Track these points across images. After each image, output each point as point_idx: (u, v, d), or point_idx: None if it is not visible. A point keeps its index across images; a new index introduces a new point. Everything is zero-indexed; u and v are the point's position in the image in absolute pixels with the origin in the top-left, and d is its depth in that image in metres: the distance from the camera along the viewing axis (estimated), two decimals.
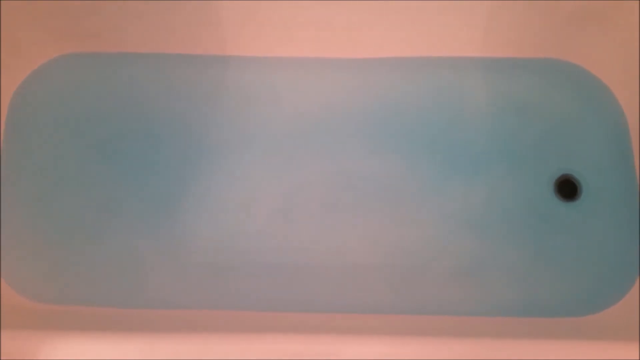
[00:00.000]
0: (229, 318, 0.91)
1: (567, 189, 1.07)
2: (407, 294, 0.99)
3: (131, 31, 1.11)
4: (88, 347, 0.71)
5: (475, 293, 0.99)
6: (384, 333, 0.75)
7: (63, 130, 1.09)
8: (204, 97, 1.12)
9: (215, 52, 1.13)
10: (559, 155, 1.09)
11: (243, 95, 1.12)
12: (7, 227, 1.02)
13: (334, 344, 0.69)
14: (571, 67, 1.13)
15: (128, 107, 1.11)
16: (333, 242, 1.03)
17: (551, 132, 1.10)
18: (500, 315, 0.96)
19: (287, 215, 1.05)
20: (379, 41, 1.12)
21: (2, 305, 0.89)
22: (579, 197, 1.06)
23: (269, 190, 1.06)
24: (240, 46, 1.13)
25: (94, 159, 1.08)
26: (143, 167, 1.07)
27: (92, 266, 1.01)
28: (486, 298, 0.99)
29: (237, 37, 1.12)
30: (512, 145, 1.09)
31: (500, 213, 1.05)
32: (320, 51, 1.13)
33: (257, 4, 1.05)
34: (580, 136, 1.10)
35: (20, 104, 1.10)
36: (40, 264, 1.01)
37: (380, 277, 1.01)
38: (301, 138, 1.10)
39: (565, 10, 1.04)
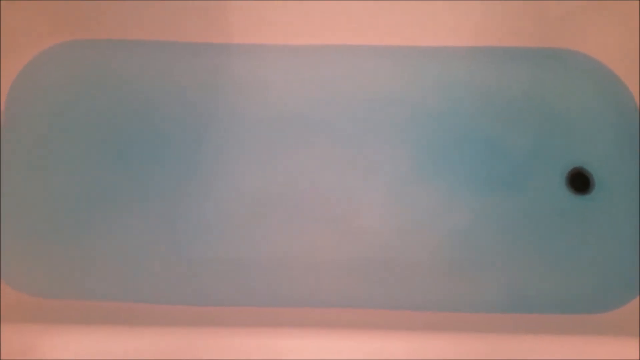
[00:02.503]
0: (226, 314, 0.90)
1: (579, 181, 1.05)
2: (414, 288, 0.97)
3: (127, 18, 1.09)
4: (87, 340, 0.71)
5: (482, 288, 0.97)
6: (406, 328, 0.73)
7: (62, 120, 1.07)
8: (201, 85, 1.10)
9: (215, 40, 1.11)
10: (571, 148, 1.06)
11: (241, 83, 1.10)
12: (5, 221, 1.00)
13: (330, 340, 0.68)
14: (582, 57, 1.10)
15: (126, 96, 1.09)
16: (330, 235, 1.01)
17: (562, 124, 1.07)
18: (509, 312, 0.94)
19: (285, 208, 1.03)
20: (387, 29, 1.10)
21: (2, 300, 0.89)
22: (592, 190, 1.03)
23: (267, 182, 1.04)
24: (242, 34, 1.11)
25: (93, 149, 1.06)
26: (141, 156, 1.05)
27: (90, 260, 0.99)
28: (493, 293, 0.97)
29: (238, 24, 1.10)
30: (522, 136, 1.07)
31: (511, 206, 1.02)
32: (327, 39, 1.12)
33: None
34: (592, 127, 1.06)
35: (18, 94, 1.08)
36: (39, 258, 0.99)
37: (381, 272, 0.99)
38: (300, 127, 1.08)
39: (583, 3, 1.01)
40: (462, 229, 1.01)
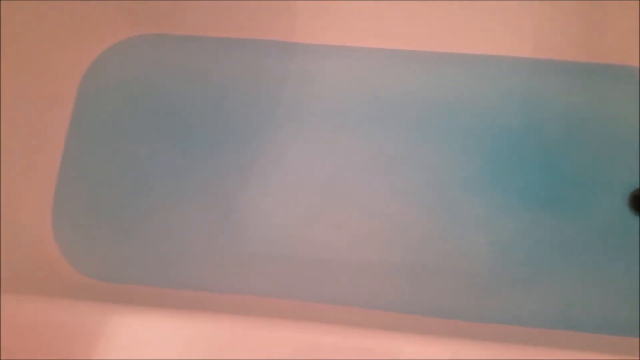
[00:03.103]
0: (272, 305, 0.95)
1: None
2: (459, 297, 0.98)
3: (203, 14, 1.12)
4: (150, 322, 0.71)
5: (531, 303, 0.96)
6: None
7: (132, 113, 1.12)
8: (266, 84, 1.13)
9: (282, 38, 1.14)
10: (633, 168, 1.03)
11: (302, 82, 1.13)
12: (73, 207, 1.06)
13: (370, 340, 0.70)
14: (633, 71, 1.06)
15: (198, 91, 1.12)
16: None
17: (626, 142, 1.05)
18: (558, 328, 0.93)
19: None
20: (443, 36, 1.11)
21: (62, 282, 0.96)
22: None
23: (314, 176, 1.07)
24: (308, 34, 1.13)
25: (159, 139, 1.10)
26: (208, 150, 1.09)
27: (151, 246, 1.04)
28: (545, 309, 0.96)
29: (304, 25, 1.13)
30: (584, 155, 1.05)
31: (568, 224, 1.01)
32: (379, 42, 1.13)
33: None
34: None
35: (91, 83, 1.13)
36: (100, 242, 1.05)
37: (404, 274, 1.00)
38: (349, 126, 1.09)
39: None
40: (513, 243, 1.01)
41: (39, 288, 0.93)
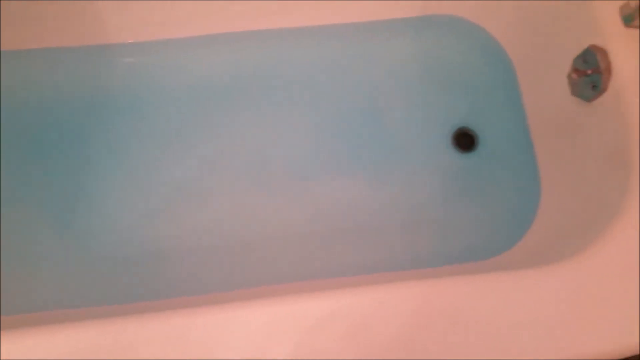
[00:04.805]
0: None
1: (465, 140, 1.09)
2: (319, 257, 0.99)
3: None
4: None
5: (384, 249, 0.99)
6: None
7: None
8: (94, 89, 1.09)
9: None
10: (453, 109, 1.11)
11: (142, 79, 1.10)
12: None
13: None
14: (454, 20, 1.15)
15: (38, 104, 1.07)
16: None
17: (442, 87, 1.12)
18: (412, 268, 0.96)
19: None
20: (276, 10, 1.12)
21: None
22: (477, 147, 1.08)
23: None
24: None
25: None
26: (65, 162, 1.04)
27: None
28: (391, 252, 0.99)
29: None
30: (406, 103, 1.11)
31: (401, 166, 1.06)
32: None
33: None
34: (471, 87, 1.12)
35: None
36: None
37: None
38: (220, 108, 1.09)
39: None
40: (354, 198, 1.03)
41: None
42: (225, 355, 0.64)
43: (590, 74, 0.85)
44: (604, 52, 0.83)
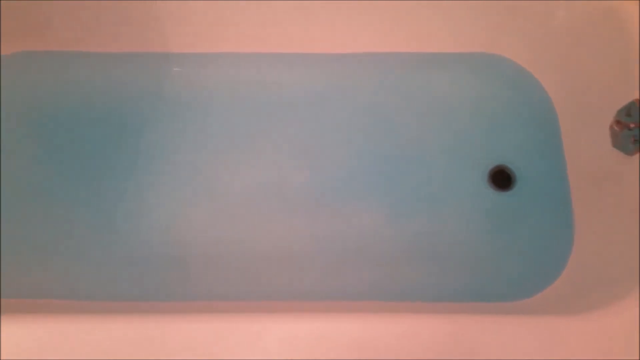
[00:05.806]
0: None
1: (501, 178, 1.10)
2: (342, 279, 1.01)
3: (77, 30, 1.12)
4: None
5: (408, 280, 1.00)
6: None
7: (14, 130, 1.12)
8: (148, 95, 1.16)
9: (167, 49, 1.17)
10: (492, 147, 1.12)
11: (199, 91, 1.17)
12: None
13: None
14: (499, 60, 1.17)
15: (76, 107, 1.14)
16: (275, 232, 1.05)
17: (483, 124, 1.14)
18: (438, 301, 0.97)
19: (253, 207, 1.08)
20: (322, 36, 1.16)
21: None
22: (513, 187, 1.09)
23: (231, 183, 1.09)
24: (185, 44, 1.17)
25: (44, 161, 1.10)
26: (97, 166, 1.10)
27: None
28: (421, 285, 1.00)
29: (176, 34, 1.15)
30: (445, 138, 1.12)
31: (435, 204, 1.07)
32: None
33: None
34: (512, 126, 1.13)
35: None
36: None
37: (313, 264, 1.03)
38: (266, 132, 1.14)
39: (492, 5, 1.08)
40: (383, 227, 1.05)
41: None
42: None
43: (632, 128, 0.85)
44: None
